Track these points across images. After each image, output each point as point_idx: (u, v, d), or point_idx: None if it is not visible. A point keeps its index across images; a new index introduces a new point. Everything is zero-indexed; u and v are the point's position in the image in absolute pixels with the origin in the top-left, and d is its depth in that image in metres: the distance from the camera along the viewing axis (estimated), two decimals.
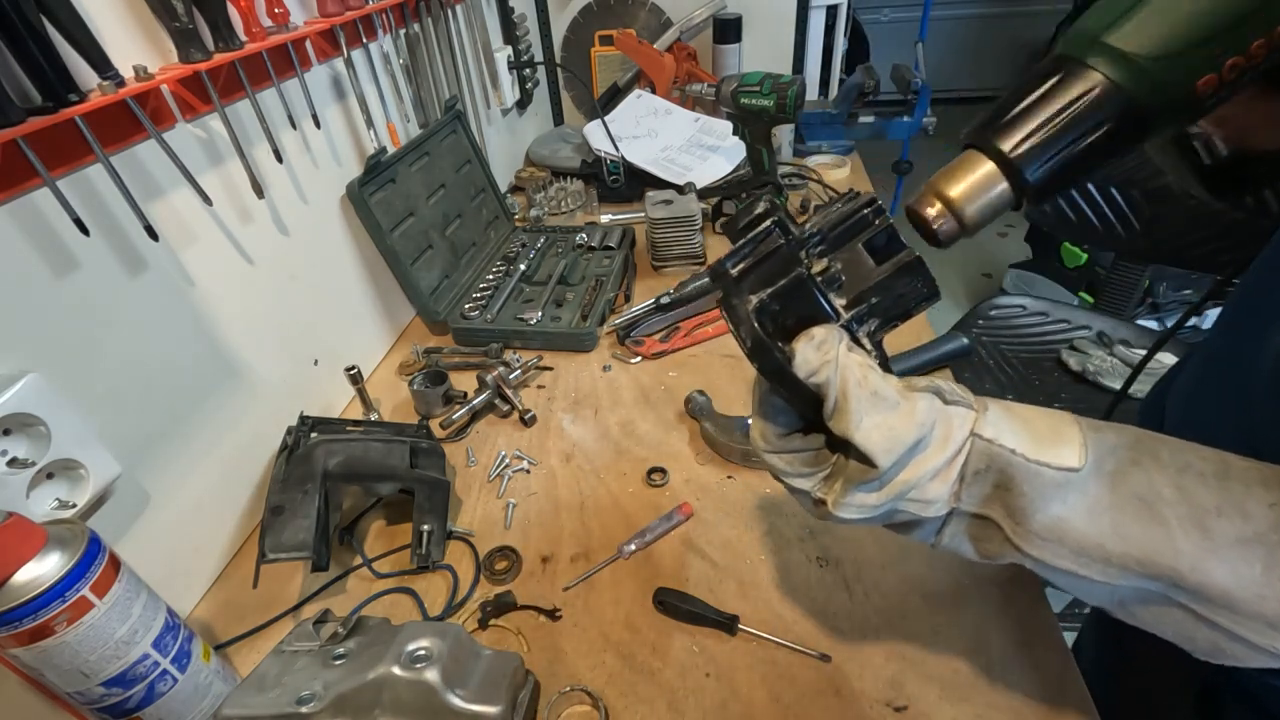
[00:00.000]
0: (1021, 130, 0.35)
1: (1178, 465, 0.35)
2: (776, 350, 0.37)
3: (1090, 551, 0.35)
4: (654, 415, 0.88)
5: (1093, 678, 0.55)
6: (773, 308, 0.37)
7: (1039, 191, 0.36)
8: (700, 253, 1.19)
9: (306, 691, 0.51)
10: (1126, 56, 0.33)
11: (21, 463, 0.52)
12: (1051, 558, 0.36)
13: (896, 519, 0.39)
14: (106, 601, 0.48)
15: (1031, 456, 0.36)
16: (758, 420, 0.42)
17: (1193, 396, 0.55)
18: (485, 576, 0.69)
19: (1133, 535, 0.35)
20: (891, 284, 0.38)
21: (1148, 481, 0.35)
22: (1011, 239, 3.04)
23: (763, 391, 0.41)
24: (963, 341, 0.89)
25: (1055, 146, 0.35)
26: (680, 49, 1.55)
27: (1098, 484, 0.35)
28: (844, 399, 0.36)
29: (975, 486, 0.37)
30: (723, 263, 0.39)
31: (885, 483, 0.37)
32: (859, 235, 0.38)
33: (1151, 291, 2.15)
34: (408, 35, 1.05)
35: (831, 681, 0.57)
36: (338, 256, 0.94)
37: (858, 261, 0.38)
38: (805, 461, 0.41)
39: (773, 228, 0.38)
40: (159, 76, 0.62)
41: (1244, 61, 0.32)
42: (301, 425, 0.77)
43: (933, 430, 0.36)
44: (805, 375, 0.36)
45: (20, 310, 0.53)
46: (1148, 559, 0.34)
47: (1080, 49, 0.34)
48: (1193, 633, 0.36)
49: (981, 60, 4.34)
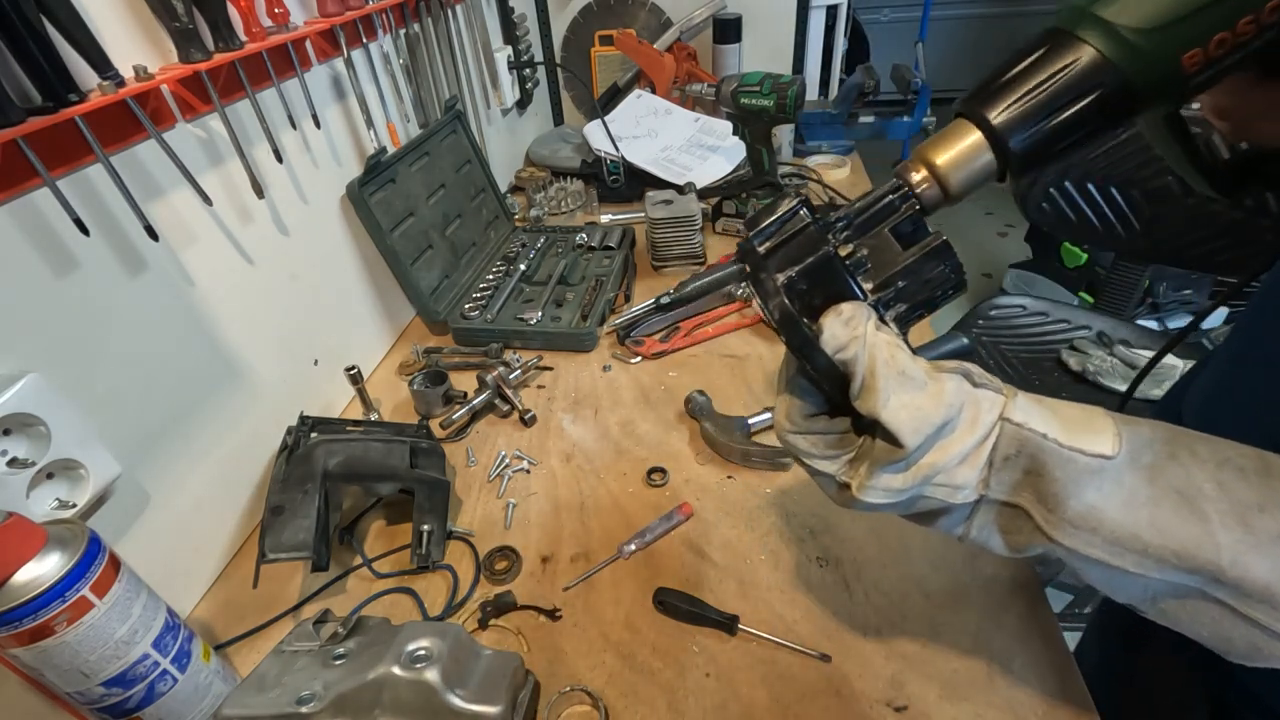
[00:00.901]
0: (1008, 99, 0.35)
1: (1216, 461, 0.35)
2: (804, 325, 0.37)
3: (1126, 542, 0.34)
4: (654, 415, 0.88)
5: (1096, 682, 0.55)
6: (800, 286, 0.37)
7: (1023, 162, 0.36)
8: (700, 253, 1.19)
9: (306, 691, 0.51)
10: (1114, 28, 0.33)
11: (21, 463, 0.52)
12: (1085, 547, 0.35)
13: (922, 507, 0.38)
14: (106, 601, 0.48)
15: (1065, 442, 0.35)
16: (784, 398, 0.41)
17: (1213, 398, 0.54)
18: (485, 576, 0.69)
19: (1171, 528, 0.34)
20: (919, 268, 0.37)
21: (1186, 476, 0.34)
22: (1011, 239, 3.05)
23: (791, 371, 0.40)
24: (963, 341, 0.89)
25: (1041, 118, 0.35)
26: (680, 49, 1.55)
27: (1134, 476, 0.35)
28: (871, 377, 0.35)
29: (1005, 472, 0.36)
30: (750, 240, 0.38)
31: (911, 464, 0.36)
32: (885, 221, 0.38)
33: (1151, 291, 2.15)
34: (408, 35, 1.05)
35: (831, 681, 0.57)
36: (338, 256, 0.94)
37: (884, 247, 0.38)
38: (830, 444, 0.40)
39: (799, 207, 0.38)
40: (159, 76, 0.62)
41: (1231, 38, 0.32)
42: (301, 425, 0.77)
43: (961, 412, 0.36)
44: (833, 351, 0.36)
45: (20, 310, 0.53)
46: (1186, 552, 0.34)
47: (1071, 21, 0.35)
48: (1229, 631, 0.35)
49: (981, 60, 4.34)
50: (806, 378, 0.40)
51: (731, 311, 1.07)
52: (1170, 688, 0.61)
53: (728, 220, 1.31)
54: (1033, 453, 0.35)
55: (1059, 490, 0.35)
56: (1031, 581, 0.63)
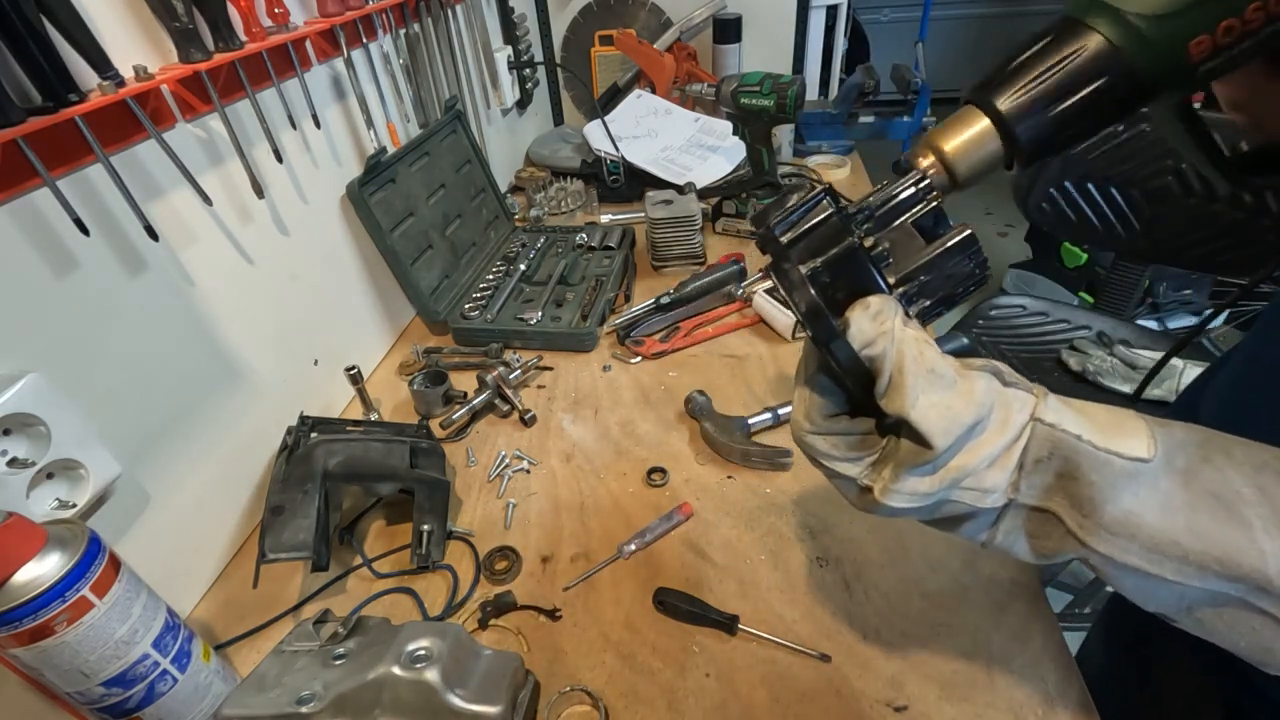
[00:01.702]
0: (1016, 87, 0.35)
1: (1254, 464, 0.33)
2: (831, 319, 0.35)
3: (1165, 549, 0.33)
4: (654, 415, 0.88)
5: (1103, 686, 0.54)
6: (823, 279, 0.35)
7: (1031, 149, 0.35)
8: (700, 253, 1.19)
9: (306, 691, 0.51)
10: (1122, 14, 0.33)
11: (21, 463, 0.52)
12: (1120, 554, 0.34)
13: (947, 511, 0.37)
14: (106, 601, 0.48)
15: (1100, 444, 0.33)
16: (804, 395, 0.39)
17: (1230, 400, 0.53)
18: (485, 576, 0.69)
19: (1211, 534, 0.32)
20: (944, 261, 0.36)
21: (1223, 480, 0.33)
22: (1011, 239, 3.04)
23: (811, 368, 0.39)
24: (963, 341, 0.89)
25: (1049, 105, 0.34)
26: (680, 49, 1.55)
27: (1169, 480, 0.33)
28: (900, 374, 0.34)
29: (1036, 476, 0.35)
30: (771, 229, 0.36)
31: (939, 466, 0.34)
32: (907, 214, 0.37)
33: (1151, 291, 2.15)
34: (408, 35, 1.05)
35: (831, 681, 0.57)
36: (338, 256, 0.94)
37: (906, 240, 0.37)
38: (851, 445, 0.38)
39: (822, 196, 0.36)
40: (159, 76, 0.62)
41: (1239, 25, 0.32)
42: (301, 425, 0.77)
43: (991, 412, 0.34)
44: (860, 346, 0.34)
45: (20, 310, 0.53)
46: (1229, 559, 0.32)
47: (1080, 9, 0.34)
48: (1272, 643, 0.34)
49: (981, 60, 4.34)
50: (828, 375, 0.38)
51: (731, 311, 1.07)
52: (1182, 692, 0.60)
53: (728, 220, 1.31)
54: (1066, 455, 0.34)
55: (1094, 495, 0.33)
56: (1031, 581, 0.63)
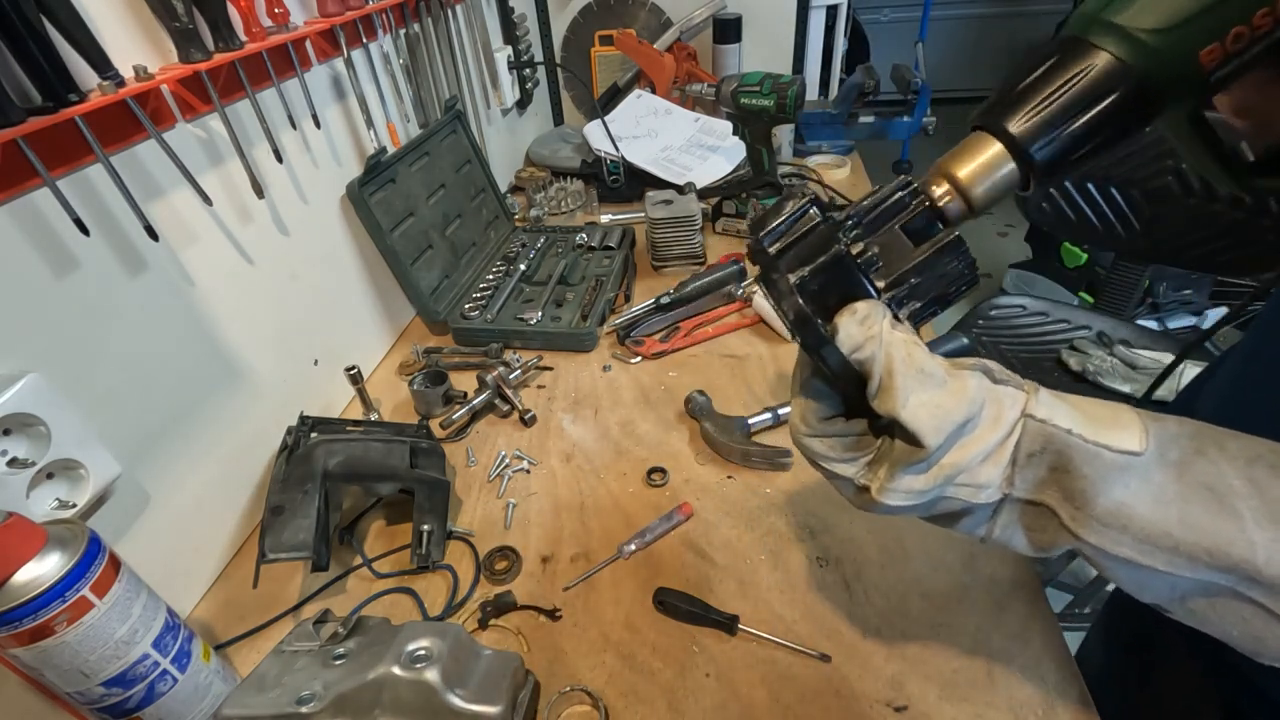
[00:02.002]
0: (1028, 109, 0.35)
1: (1247, 457, 0.34)
2: (820, 325, 0.36)
3: (1156, 540, 0.34)
4: (654, 415, 0.88)
5: (1102, 686, 0.54)
6: (811, 286, 0.36)
7: (1047, 171, 0.36)
8: (700, 253, 1.19)
9: (306, 691, 0.51)
10: (1128, 31, 0.33)
11: (21, 463, 0.52)
12: (1112, 545, 0.34)
13: (943, 508, 0.37)
14: (106, 601, 0.48)
15: (1091, 437, 0.34)
16: (800, 401, 0.40)
17: (1229, 398, 0.53)
18: (485, 576, 0.69)
19: (1202, 525, 0.33)
20: (932, 263, 0.37)
21: (1216, 472, 0.34)
22: (1011, 239, 3.04)
23: (805, 374, 0.40)
24: (963, 341, 0.89)
25: (1061, 124, 0.34)
26: (680, 49, 1.55)
27: (1162, 472, 0.34)
28: (889, 376, 0.34)
29: (1029, 470, 0.35)
30: (760, 240, 0.38)
31: (933, 464, 0.35)
32: (895, 218, 0.38)
33: (1151, 291, 2.15)
34: (408, 35, 1.05)
35: (831, 681, 0.57)
36: (338, 256, 0.94)
37: (895, 244, 0.37)
38: (847, 446, 0.39)
39: (809, 206, 0.37)
40: (159, 76, 0.62)
41: (1249, 31, 0.32)
42: (301, 425, 0.77)
43: (983, 409, 0.35)
44: (849, 351, 0.35)
45: (20, 310, 0.53)
46: (1219, 550, 0.33)
47: (1083, 27, 0.34)
48: (1262, 631, 0.34)
49: (981, 60, 4.34)
50: (822, 379, 0.39)
51: (731, 311, 1.07)
52: (1182, 692, 0.60)
53: (728, 220, 1.31)
54: (1058, 449, 0.34)
55: (1086, 487, 0.34)
56: (1031, 581, 0.63)
